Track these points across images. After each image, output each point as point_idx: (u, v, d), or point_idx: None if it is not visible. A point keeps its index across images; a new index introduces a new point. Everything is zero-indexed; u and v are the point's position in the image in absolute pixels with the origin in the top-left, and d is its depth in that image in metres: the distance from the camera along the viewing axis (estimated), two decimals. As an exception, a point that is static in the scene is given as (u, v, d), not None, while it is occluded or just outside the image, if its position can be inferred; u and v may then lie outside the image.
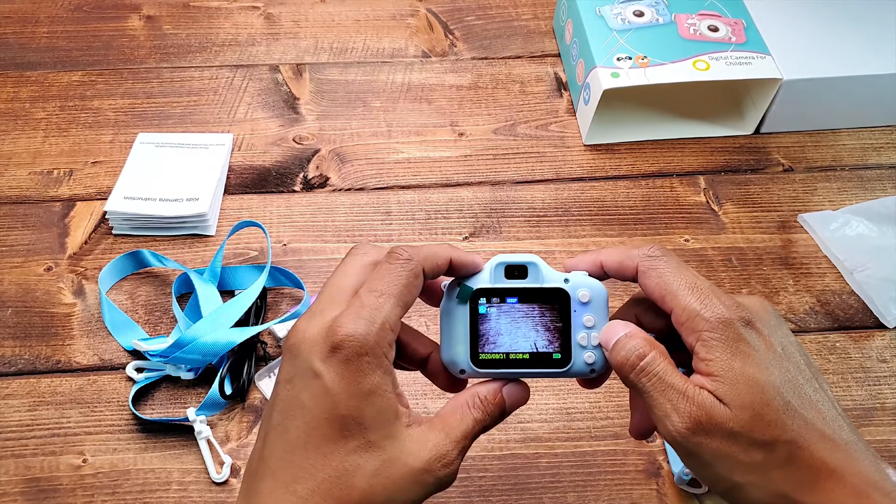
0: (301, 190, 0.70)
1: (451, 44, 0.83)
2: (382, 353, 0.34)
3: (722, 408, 0.33)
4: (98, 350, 0.60)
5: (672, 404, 0.34)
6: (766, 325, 0.36)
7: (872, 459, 0.34)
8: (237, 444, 0.56)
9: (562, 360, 0.38)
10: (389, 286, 0.35)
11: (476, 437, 0.37)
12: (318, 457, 0.33)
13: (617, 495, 0.54)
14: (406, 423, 0.35)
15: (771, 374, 0.34)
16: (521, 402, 0.39)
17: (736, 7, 0.76)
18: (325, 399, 0.33)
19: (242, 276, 0.63)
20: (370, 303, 0.34)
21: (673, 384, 0.34)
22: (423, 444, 0.35)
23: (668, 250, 0.38)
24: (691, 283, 0.36)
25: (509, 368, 0.38)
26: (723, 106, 0.77)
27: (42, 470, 0.54)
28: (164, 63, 0.80)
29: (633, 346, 0.36)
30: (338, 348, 0.33)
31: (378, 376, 0.34)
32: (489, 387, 0.38)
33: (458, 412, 0.37)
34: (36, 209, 0.68)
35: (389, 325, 0.34)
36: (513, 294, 0.38)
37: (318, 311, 0.35)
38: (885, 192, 0.71)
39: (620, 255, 0.38)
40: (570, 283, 0.38)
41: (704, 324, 0.34)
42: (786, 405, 0.33)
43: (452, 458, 0.35)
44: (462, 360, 0.38)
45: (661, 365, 0.35)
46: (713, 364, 0.34)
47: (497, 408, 0.38)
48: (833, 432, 0.34)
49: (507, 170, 0.72)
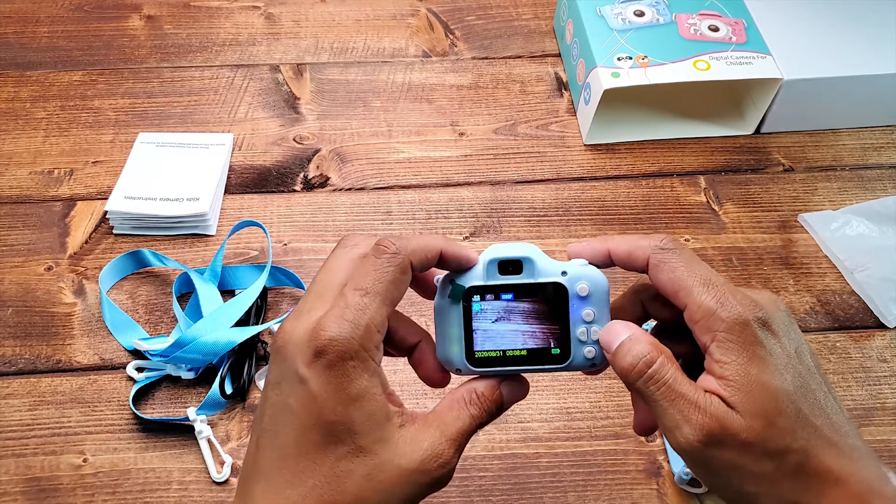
0: (301, 190, 0.70)
1: (452, 44, 0.83)
2: (368, 356, 0.33)
3: (735, 417, 0.32)
4: (98, 350, 0.60)
5: (683, 415, 0.33)
6: (780, 325, 0.35)
7: (875, 465, 0.34)
8: (238, 444, 0.56)
9: (560, 356, 0.37)
10: (375, 283, 0.33)
11: (473, 433, 0.36)
12: (309, 463, 0.33)
13: (617, 495, 0.54)
14: (399, 424, 0.34)
15: (785, 381, 0.33)
16: (520, 397, 0.38)
17: (736, 7, 0.76)
18: (312, 405, 0.32)
19: (243, 276, 0.63)
20: (355, 302, 0.33)
21: (683, 393, 0.33)
22: (416, 444, 0.34)
23: (680, 243, 0.36)
24: (706, 278, 0.34)
25: (506, 366, 0.37)
26: (723, 106, 0.77)
27: (42, 469, 0.54)
28: (165, 63, 0.80)
29: (639, 351, 0.34)
30: (322, 353, 0.32)
31: (365, 380, 0.33)
32: (486, 382, 0.37)
33: (454, 409, 0.36)
34: (36, 209, 0.68)
35: (375, 325, 0.33)
36: (507, 290, 0.37)
37: (306, 311, 0.34)
38: (886, 191, 0.71)
39: (630, 244, 0.37)
40: (567, 276, 0.37)
41: (721, 324, 0.33)
42: (798, 413, 0.33)
43: (448, 456, 0.34)
44: (457, 358, 0.37)
45: (670, 372, 0.34)
46: (727, 368, 0.33)
47: (494, 404, 0.37)
48: (840, 438, 0.34)
49: (507, 170, 0.72)
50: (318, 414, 0.32)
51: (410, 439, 0.34)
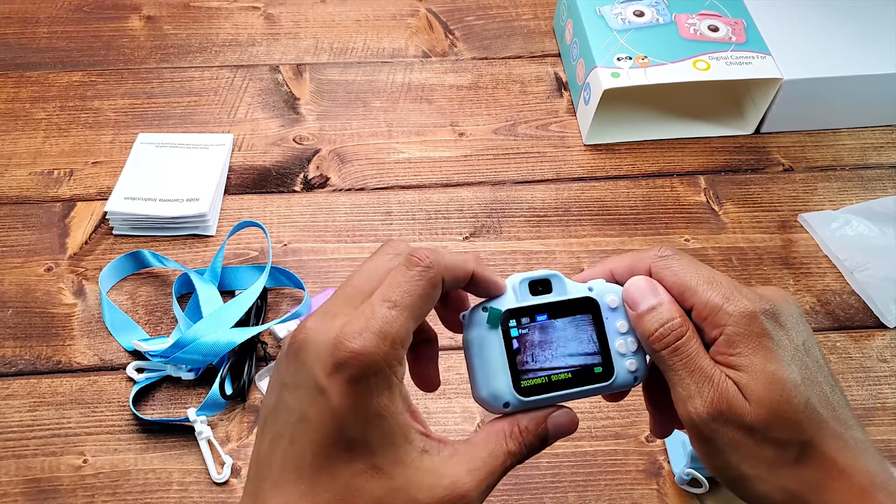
0: (301, 190, 0.70)
1: (452, 44, 0.83)
2: (391, 372, 0.31)
3: (743, 401, 0.33)
4: (98, 350, 0.60)
5: (697, 387, 0.33)
6: (787, 317, 0.35)
7: (879, 459, 0.34)
8: (238, 445, 0.56)
9: (604, 373, 0.36)
10: (404, 296, 0.32)
11: (508, 471, 0.34)
12: (326, 477, 0.32)
13: (617, 495, 0.54)
14: (420, 449, 0.32)
15: (792, 372, 0.33)
16: (569, 431, 0.36)
17: (736, 7, 0.76)
18: (331, 419, 0.31)
19: (243, 277, 0.63)
20: (381, 315, 0.31)
21: (702, 367, 0.34)
22: (438, 478, 0.32)
23: (678, 249, 0.37)
24: (710, 277, 0.35)
25: (554, 391, 0.35)
26: (723, 106, 0.77)
27: (42, 470, 0.54)
28: (165, 63, 0.80)
29: (670, 322, 0.34)
30: (343, 365, 0.31)
31: (385, 397, 0.31)
32: (532, 415, 0.35)
33: (490, 443, 0.34)
34: (36, 209, 0.68)
35: (400, 340, 0.31)
36: (542, 311, 0.35)
37: (331, 313, 0.32)
38: (886, 191, 0.71)
39: (630, 260, 0.37)
40: (594, 291, 0.36)
41: (728, 318, 0.34)
42: (805, 404, 0.33)
43: (470, 499, 0.32)
44: (505, 391, 0.34)
45: (694, 345, 0.34)
46: (735, 359, 0.33)
47: (538, 439, 0.35)
48: (845, 431, 0.34)
49: (507, 170, 0.72)
50: (339, 429, 0.31)
51: (432, 471, 0.32)
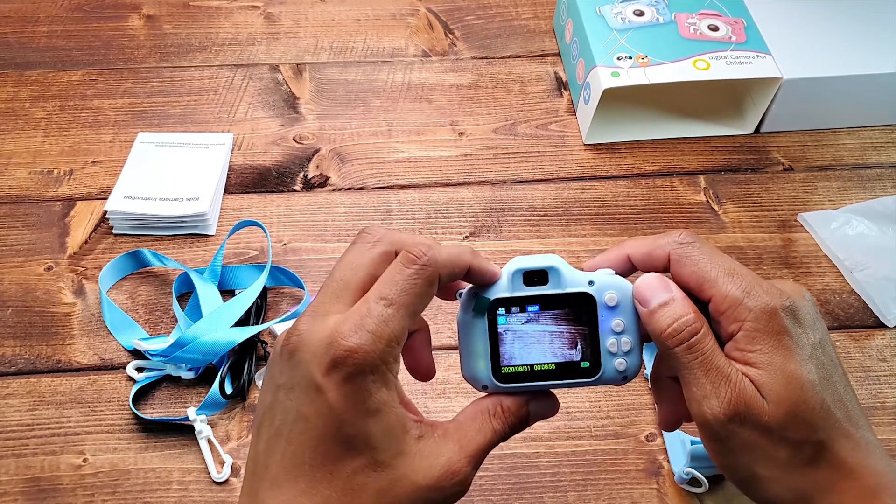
0: (301, 189, 0.70)
1: (451, 43, 0.83)
2: (387, 369, 0.32)
3: (761, 400, 0.33)
4: (98, 350, 0.60)
5: (714, 387, 0.33)
6: (805, 315, 0.34)
7: (887, 459, 0.34)
8: (238, 444, 0.56)
9: (591, 369, 0.36)
10: (400, 294, 0.32)
11: (493, 447, 0.35)
12: (325, 474, 0.32)
13: (617, 495, 0.54)
14: (416, 436, 0.33)
15: (810, 372, 0.33)
16: (548, 415, 0.37)
17: (736, 6, 0.76)
18: (329, 418, 0.31)
19: (243, 276, 0.63)
20: (377, 313, 0.32)
21: (719, 366, 0.33)
22: (434, 459, 0.33)
23: (698, 236, 0.36)
24: (730, 269, 0.34)
25: (534, 381, 0.36)
26: (723, 105, 0.77)
27: (42, 470, 0.54)
28: (164, 63, 0.80)
29: (684, 318, 0.34)
30: (340, 363, 0.31)
31: (383, 393, 0.32)
32: (514, 397, 0.36)
33: (476, 420, 0.35)
34: (36, 209, 0.68)
35: (396, 338, 0.32)
36: (533, 302, 0.35)
37: (321, 312, 0.33)
38: (886, 191, 0.71)
39: (648, 245, 0.36)
40: (595, 286, 0.36)
41: (748, 313, 0.33)
42: (822, 404, 0.33)
43: (465, 473, 0.33)
44: (483, 375, 0.36)
45: (710, 343, 0.33)
46: (754, 356, 0.33)
47: (519, 420, 0.36)
48: (855, 431, 0.34)
49: (507, 169, 0.72)
50: (337, 427, 0.31)
51: (428, 453, 0.33)
